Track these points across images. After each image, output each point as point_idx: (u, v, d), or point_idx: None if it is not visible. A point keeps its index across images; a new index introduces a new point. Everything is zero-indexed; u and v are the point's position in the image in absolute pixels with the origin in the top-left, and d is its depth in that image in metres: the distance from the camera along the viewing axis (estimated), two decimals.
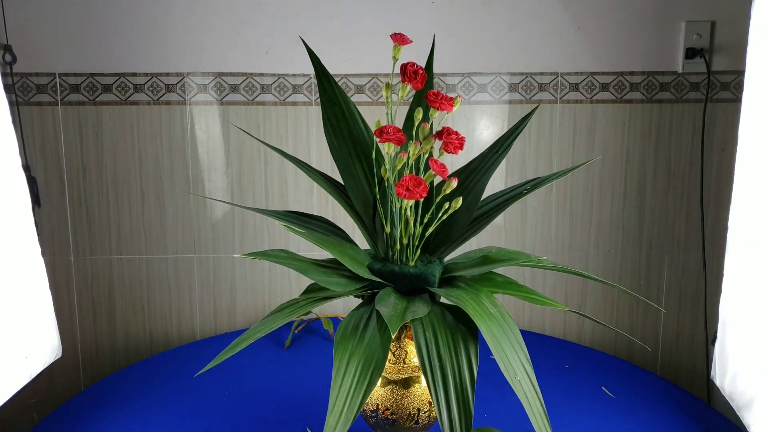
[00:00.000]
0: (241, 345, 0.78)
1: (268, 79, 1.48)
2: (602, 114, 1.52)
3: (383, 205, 0.86)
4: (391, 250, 0.88)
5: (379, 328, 0.79)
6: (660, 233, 1.57)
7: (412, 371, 0.89)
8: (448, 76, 1.50)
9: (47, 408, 1.54)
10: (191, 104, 1.49)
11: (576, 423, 1.10)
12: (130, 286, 1.55)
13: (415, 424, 0.90)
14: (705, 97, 1.50)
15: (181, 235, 1.54)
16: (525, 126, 0.92)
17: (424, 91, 0.86)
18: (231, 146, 1.51)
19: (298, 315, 0.83)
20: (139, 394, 1.20)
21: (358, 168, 0.90)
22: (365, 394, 0.72)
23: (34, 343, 1.11)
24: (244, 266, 1.56)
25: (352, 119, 0.91)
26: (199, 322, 1.58)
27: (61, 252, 1.52)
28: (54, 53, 1.45)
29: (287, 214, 0.94)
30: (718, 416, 1.15)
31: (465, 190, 0.90)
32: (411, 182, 0.78)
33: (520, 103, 1.51)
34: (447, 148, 0.82)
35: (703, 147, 1.52)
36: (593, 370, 1.30)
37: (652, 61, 1.50)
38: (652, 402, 1.18)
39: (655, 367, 1.61)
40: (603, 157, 1.53)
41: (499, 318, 0.80)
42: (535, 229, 1.57)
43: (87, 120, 1.48)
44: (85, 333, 1.56)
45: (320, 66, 0.89)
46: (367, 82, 1.49)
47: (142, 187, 1.51)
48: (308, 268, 0.84)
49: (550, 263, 0.91)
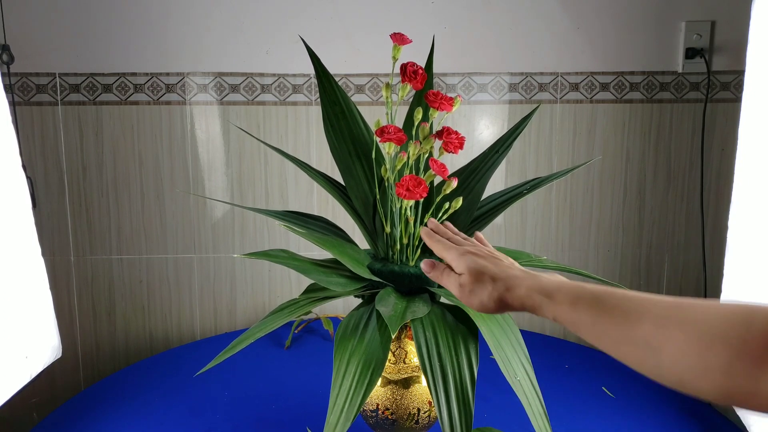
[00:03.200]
0: (241, 345, 0.78)
1: (268, 79, 1.48)
2: (602, 114, 1.52)
3: (383, 205, 0.86)
4: (391, 250, 0.88)
5: (379, 328, 0.79)
6: (660, 233, 1.57)
7: (412, 371, 0.89)
8: (448, 76, 1.50)
9: (47, 408, 1.54)
10: (191, 104, 1.49)
11: (576, 423, 1.10)
12: (130, 286, 1.55)
13: (415, 424, 0.90)
14: (705, 97, 1.50)
15: (181, 235, 1.54)
16: (525, 126, 0.92)
17: (424, 91, 0.86)
18: (231, 146, 1.51)
19: (298, 315, 0.83)
20: (139, 394, 1.20)
21: (358, 168, 0.90)
22: (365, 394, 0.72)
23: (35, 343, 1.11)
24: (244, 266, 1.56)
25: (353, 119, 0.91)
26: (199, 322, 1.58)
27: (61, 252, 1.52)
28: (54, 53, 1.45)
29: (287, 214, 0.94)
30: (718, 416, 1.15)
31: (465, 190, 0.90)
32: (411, 182, 0.78)
33: (520, 103, 1.51)
34: (447, 147, 0.82)
35: (703, 147, 1.52)
36: (593, 370, 1.30)
37: (652, 61, 1.50)
38: (652, 402, 1.18)
39: None
40: (603, 157, 1.53)
41: (499, 318, 0.80)
42: (535, 229, 1.57)
43: (87, 120, 1.48)
44: (85, 333, 1.56)
45: (320, 66, 0.89)
46: (367, 82, 1.49)
47: (142, 187, 1.51)
48: (308, 268, 0.84)
49: (550, 263, 0.91)
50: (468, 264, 0.61)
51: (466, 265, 0.61)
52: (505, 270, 0.59)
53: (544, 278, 0.57)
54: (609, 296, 0.52)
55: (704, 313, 0.46)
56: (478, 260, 0.61)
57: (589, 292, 0.53)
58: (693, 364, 0.45)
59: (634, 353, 0.49)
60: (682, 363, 0.45)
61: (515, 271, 0.59)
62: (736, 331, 0.44)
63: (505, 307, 0.59)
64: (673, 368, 0.46)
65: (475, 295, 0.60)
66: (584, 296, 0.53)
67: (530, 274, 0.59)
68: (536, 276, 0.58)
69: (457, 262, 0.62)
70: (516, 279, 0.58)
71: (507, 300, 0.58)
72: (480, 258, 0.61)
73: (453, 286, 0.62)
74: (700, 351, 0.44)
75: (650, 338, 0.47)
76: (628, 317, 0.49)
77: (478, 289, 0.59)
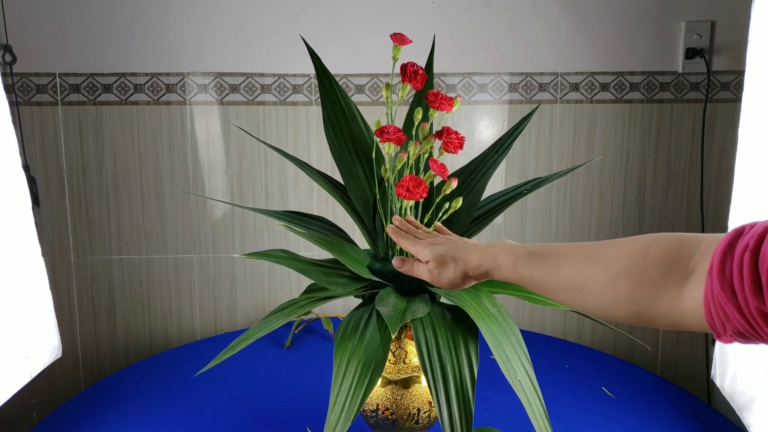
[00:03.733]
0: (241, 345, 0.78)
1: (268, 79, 1.48)
2: (602, 114, 1.52)
3: (383, 205, 0.86)
4: (391, 250, 0.88)
5: (379, 328, 0.79)
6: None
7: (412, 371, 0.89)
8: (448, 76, 1.50)
9: (47, 408, 1.54)
10: (191, 104, 1.49)
11: (576, 423, 1.10)
12: (130, 286, 1.55)
13: (415, 424, 0.90)
14: (705, 97, 1.50)
15: (181, 235, 1.54)
16: (525, 126, 0.92)
17: (424, 91, 0.86)
18: (231, 146, 1.51)
19: (298, 315, 0.83)
20: (139, 394, 1.20)
21: (358, 168, 0.90)
22: (365, 394, 0.72)
23: (35, 343, 1.11)
24: (244, 266, 1.56)
25: (353, 119, 0.91)
26: (199, 322, 1.58)
27: (61, 252, 1.52)
28: (54, 53, 1.45)
29: (287, 214, 0.94)
30: (718, 416, 1.15)
31: (465, 190, 0.90)
32: (411, 182, 0.78)
33: (520, 103, 1.51)
34: (447, 147, 0.82)
35: (703, 147, 1.52)
36: (593, 370, 1.30)
37: (652, 61, 1.50)
38: (652, 402, 1.18)
39: (655, 367, 1.61)
40: (603, 157, 1.53)
41: (499, 318, 0.80)
42: (535, 229, 1.57)
43: (87, 120, 1.48)
44: (85, 333, 1.56)
45: (321, 66, 0.89)
46: (367, 82, 1.49)
47: (142, 187, 1.51)
48: (308, 268, 0.84)
49: None
50: (431, 253, 0.68)
51: (429, 254, 0.69)
52: (461, 249, 0.67)
53: (491, 248, 0.65)
54: (539, 251, 0.60)
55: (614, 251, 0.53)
56: (437, 248, 0.69)
57: (524, 250, 0.61)
58: (608, 298, 0.52)
59: (567, 297, 0.56)
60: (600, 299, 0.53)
61: (469, 247, 0.67)
62: (636, 264, 0.50)
63: (469, 278, 0.67)
64: (595, 304, 0.54)
65: (443, 276, 0.67)
66: (521, 255, 0.61)
67: (480, 246, 0.67)
68: (485, 246, 0.66)
69: (422, 253, 0.69)
70: (470, 254, 0.66)
71: (469, 273, 0.66)
72: (439, 245, 0.69)
73: (423, 273, 0.70)
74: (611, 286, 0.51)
75: (574, 281, 0.55)
76: (555, 265, 0.57)
77: (444, 270, 0.67)
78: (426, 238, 0.72)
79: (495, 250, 0.64)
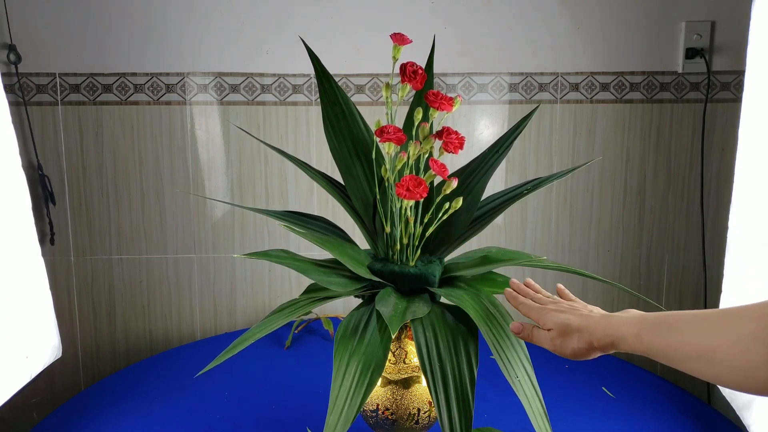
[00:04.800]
0: (241, 345, 0.78)
1: (268, 79, 1.48)
2: (602, 114, 1.52)
3: (383, 205, 0.86)
4: (391, 250, 0.88)
5: (379, 328, 0.79)
6: (660, 233, 1.57)
7: (412, 371, 0.89)
8: (448, 76, 1.50)
9: (47, 408, 1.54)
10: (191, 104, 1.49)
11: (576, 423, 1.10)
12: (130, 286, 1.55)
13: (415, 424, 0.90)
14: (705, 97, 1.50)
15: (181, 235, 1.54)
16: (525, 126, 0.92)
17: (424, 91, 0.86)
18: (231, 146, 1.51)
19: (298, 315, 0.83)
20: (139, 394, 1.20)
21: (358, 168, 0.90)
22: (365, 394, 0.72)
23: (35, 343, 1.11)
24: (244, 266, 1.56)
25: (353, 119, 0.91)
26: (199, 322, 1.58)
27: (61, 252, 1.52)
28: (54, 53, 1.45)
29: (287, 214, 0.94)
30: (718, 416, 1.15)
31: (465, 190, 0.90)
32: (411, 182, 0.78)
33: (520, 103, 1.51)
34: (447, 147, 0.82)
35: (703, 147, 1.52)
36: (593, 370, 1.30)
37: (652, 61, 1.50)
38: (652, 402, 1.18)
39: (655, 367, 1.61)
40: (603, 157, 1.53)
41: (500, 318, 0.80)
42: (535, 229, 1.57)
43: (87, 120, 1.48)
44: (85, 333, 1.56)
45: (320, 66, 0.89)
46: (367, 82, 1.49)
47: (142, 187, 1.51)
48: (308, 268, 0.84)
49: (550, 263, 0.91)
50: (554, 321, 0.68)
51: (552, 322, 0.68)
52: (586, 318, 0.66)
53: (615, 318, 0.63)
54: (664, 320, 0.58)
55: (742, 315, 0.50)
56: (560, 315, 0.68)
57: (649, 321, 0.59)
58: (740, 365, 0.49)
59: (695, 367, 0.54)
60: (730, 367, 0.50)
61: (594, 317, 0.65)
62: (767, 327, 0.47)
63: (594, 349, 0.65)
64: (727, 373, 0.50)
65: (566, 346, 0.66)
66: (645, 326, 0.59)
67: (604, 315, 0.65)
68: (610, 316, 0.64)
69: (544, 320, 0.69)
70: (595, 324, 0.64)
71: (594, 344, 0.64)
72: (562, 313, 0.68)
73: (545, 342, 0.69)
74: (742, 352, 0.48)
75: (701, 350, 0.52)
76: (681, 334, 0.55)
77: (568, 341, 0.66)
78: (547, 304, 0.71)
79: (619, 320, 0.62)
